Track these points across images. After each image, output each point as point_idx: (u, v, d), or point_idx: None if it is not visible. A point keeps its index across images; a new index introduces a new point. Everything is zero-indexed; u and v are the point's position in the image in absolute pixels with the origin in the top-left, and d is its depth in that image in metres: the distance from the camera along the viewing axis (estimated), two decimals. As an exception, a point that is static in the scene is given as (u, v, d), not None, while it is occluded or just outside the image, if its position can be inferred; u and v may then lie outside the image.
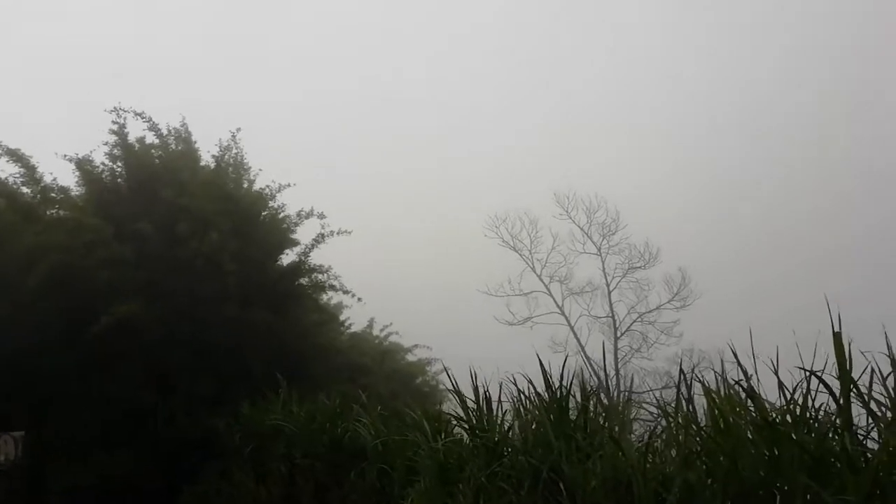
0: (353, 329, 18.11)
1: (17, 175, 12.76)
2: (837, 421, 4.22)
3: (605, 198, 28.79)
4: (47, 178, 12.90)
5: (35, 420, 11.82)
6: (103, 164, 13.40)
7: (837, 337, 4.19)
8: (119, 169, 13.50)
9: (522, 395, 6.28)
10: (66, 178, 13.34)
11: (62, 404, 11.83)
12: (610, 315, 27.08)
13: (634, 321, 26.96)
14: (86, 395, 11.70)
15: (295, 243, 14.21)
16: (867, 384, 4.14)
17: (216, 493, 10.54)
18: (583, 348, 24.97)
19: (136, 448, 11.53)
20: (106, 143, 13.34)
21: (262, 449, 10.09)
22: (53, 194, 12.90)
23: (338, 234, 13.80)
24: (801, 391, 4.34)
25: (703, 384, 4.82)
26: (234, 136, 14.26)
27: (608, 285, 27.71)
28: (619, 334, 26.55)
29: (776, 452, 4.27)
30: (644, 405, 6.18)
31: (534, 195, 30.06)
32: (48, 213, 12.78)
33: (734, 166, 33.77)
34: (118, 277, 11.96)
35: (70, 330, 11.54)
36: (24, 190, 12.89)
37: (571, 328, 26.62)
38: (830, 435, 4.24)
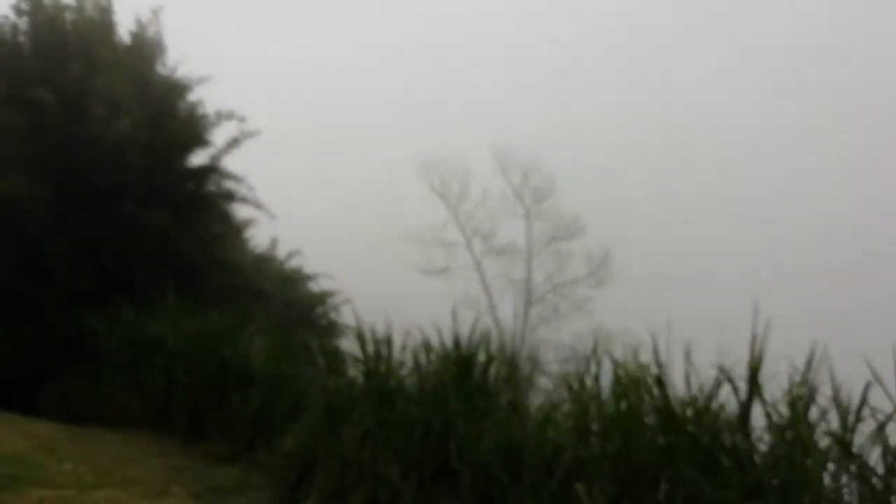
0: (258, 251, 17.44)
1: None
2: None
3: (544, 161, 28.24)
4: None
5: None
6: (6, 16, 12.06)
7: (754, 339, 4.22)
8: (23, 26, 12.14)
9: (427, 346, 6.11)
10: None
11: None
12: (526, 280, 27.32)
13: (549, 291, 27.25)
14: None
15: (208, 144, 13.25)
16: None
17: (82, 394, 9.94)
18: (494, 309, 24.94)
19: (-2, 335, 10.67)
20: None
21: (140, 359, 9.53)
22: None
23: (250, 136, 12.95)
24: (708, 387, 4.35)
25: (613, 361, 4.77)
26: (155, 13, 13.02)
27: (530, 250, 27.82)
28: (531, 301, 26.92)
29: (671, 441, 4.30)
30: (546, 375, 6.14)
31: (473, 148, 29.05)
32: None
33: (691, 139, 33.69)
34: (3, 145, 10.85)
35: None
36: None
37: (485, 287, 26.70)
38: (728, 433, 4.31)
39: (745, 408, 4.24)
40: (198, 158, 13.37)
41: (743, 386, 4.23)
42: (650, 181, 33.25)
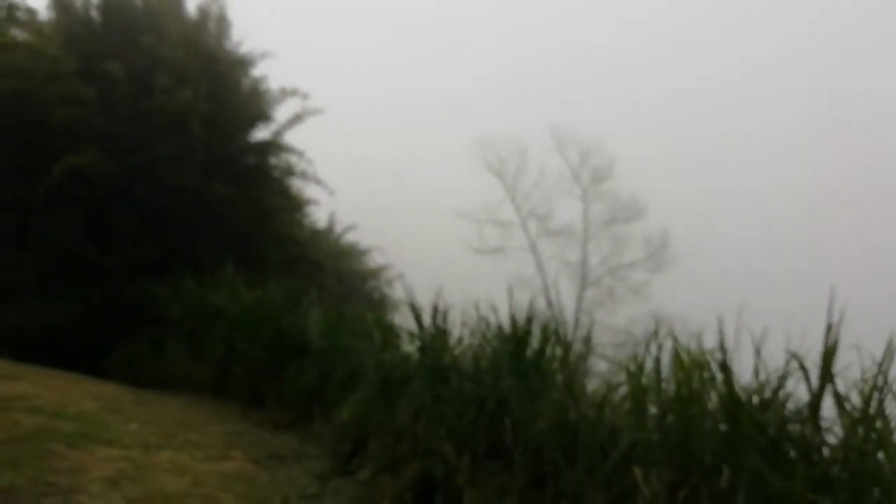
0: (316, 226, 17.65)
1: None
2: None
3: (603, 141, 27.20)
4: None
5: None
6: None
7: (828, 327, 4.03)
8: (95, 1, 12.47)
9: (482, 324, 6.08)
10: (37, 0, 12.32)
11: None
12: (582, 263, 26.86)
13: (605, 274, 26.72)
14: (24, 237, 11.18)
15: (270, 120, 13.45)
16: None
17: (147, 359, 10.29)
18: (548, 290, 24.53)
19: (68, 300, 11.11)
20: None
21: (200, 327, 9.79)
22: (19, 14, 11.89)
23: (313, 113, 13.09)
24: (778, 374, 4.20)
25: (675, 344, 4.63)
26: None
27: (586, 232, 27.27)
28: (586, 284, 26.47)
29: (734, 429, 4.17)
30: (601, 358, 6.03)
31: (530, 125, 28.37)
32: (11, 33, 11.80)
33: (753, 130, 32.28)
34: (77, 118, 11.21)
35: (17, 166, 10.88)
36: None
37: (540, 268, 26.38)
38: (795, 421, 4.16)
39: (817, 397, 4.07)
40: (260, 133, 13.59)
41: (814, 375, 4.07)
42: (716, 170, 32.21)
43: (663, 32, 38.64)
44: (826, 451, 3.98)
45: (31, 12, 12.10)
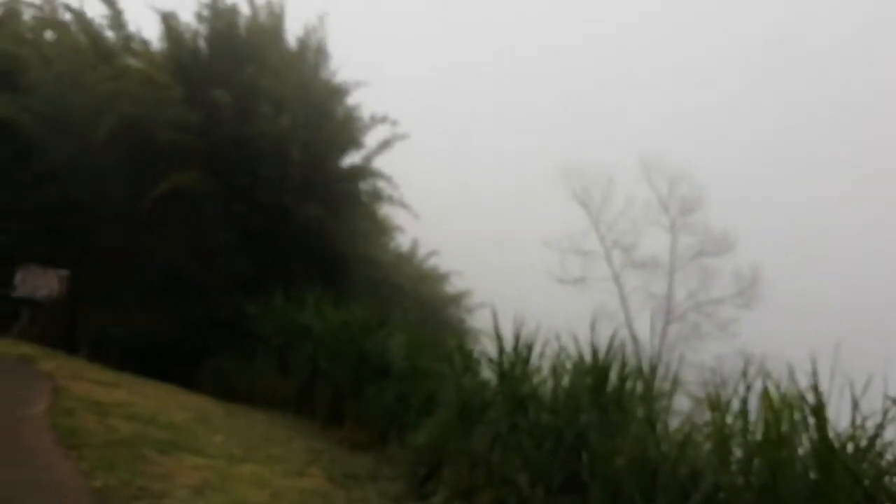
0: (400, 250, 17.96)
1: (104, 17, 12.82)
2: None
3: (692, 170, 26.11)
4: (132, 27, 12.92)
5: (77, 265, 12.08)
6: (188, 23, 13.26)
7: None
8: (203, 31, 13.31)
9: (563, 355, 6.02)
10: (150, 30, 13.30)
11: (106, 255, 12.07)
12: (667, 296, 25.92)
13: (690, 308, 25.63)
14: (130, 252, 11.90)
15: (361, 146, 13.95)
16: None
17: (237, 372, 10.70)
18: (630, 323, 24.00)
19: (167, 313, 11.74)
20: (197, 1, 13.13)
21: (288, 344, 10.13)
22: (134, 44, 12.86)
23: (401, 138, 13.50)
24: (876, 420, 3.95)
25: (765, 384, 4.44)
26: (321, 19, 13.84)
27: (672, 265, 26.39)
28: (671, 318, 25.48)
29: (826, 479, 3.95)
30: (685, 395, 5.84)
31: (617, 152, 27.70)
32: (127, 62, 12.74)
33: (845, 158, 30.30)
34: (183, 141, 11.94)
35: (127, 184, 11.65)
36: (108, 33, 12.95)
37: (623, 300, 25.66)
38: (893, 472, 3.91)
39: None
40: (351, 158, 14.06)
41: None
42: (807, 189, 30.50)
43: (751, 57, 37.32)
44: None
45: (145, 43, 13.04)
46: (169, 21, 13.04)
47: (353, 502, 5.52)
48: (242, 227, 12.14)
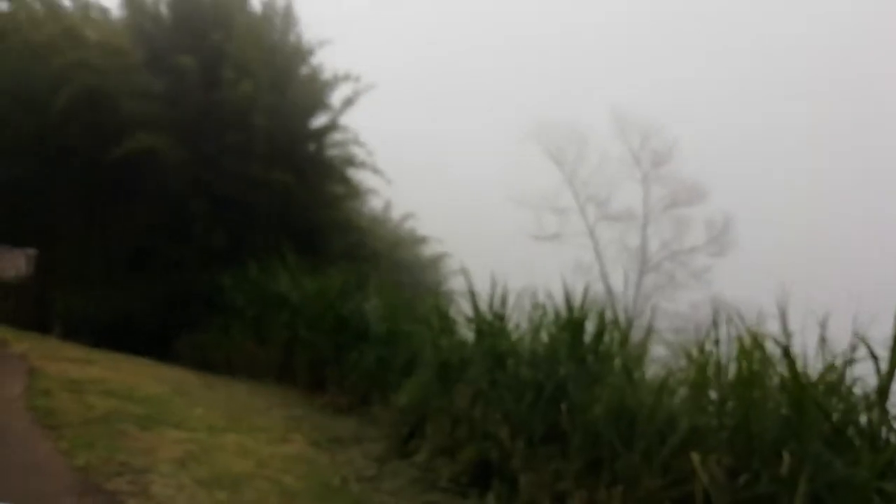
0: (373, 213, 17.84)
1: None
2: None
3: (663, 123, 26.26)
4: None
5: (47, 243, 11.85)
6: None
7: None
8: (165, -2, 12.90)
9: (539, 310, 6.08)
10: (109, -1, 12.83)
11: (75, 232, 11.84)
12: (641, 247, 26.42)
13: (665, 258, 26.11)
14: (97, 227, 11.69)
15: (327, 107, 13.65)
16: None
17: (214, 345, 10.65)
18: (606, 276, 24.31)
19: (139, 288, 11.59)
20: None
21: (265, 314, 10.08)
22: (93, 13, 12.44)
23: (366, 90, 13.19)
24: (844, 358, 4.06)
25: (735, 329, 4.53)
26: None
27: (646, 217, 26.79)
28: (646, 269, 26.03)
29: (797, 415, 4.06)
30: (661, 343, 5.94)
31: (589, 107, 27.81)
32: (85, 31, 12.29)
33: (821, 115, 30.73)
34: (148, 110, 11.64)
35: (91, 158, 11.36)
36: (65, 2, 12.50)
37: (598, 253, 26.05)
38: (861, 407, 4.03)
39: (885, 383, 3.93)
40: (318, 121, 13.83)
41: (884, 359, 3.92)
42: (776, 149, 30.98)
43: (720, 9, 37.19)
44: (893, 439, 3.85)
45: (105, 11, 12.64)
46: (129, -12, 12.64)
47: (338, 465, 5.59)
48: (211, 196, 11.92)
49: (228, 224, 11.88)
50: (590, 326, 5.71)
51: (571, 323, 5.70)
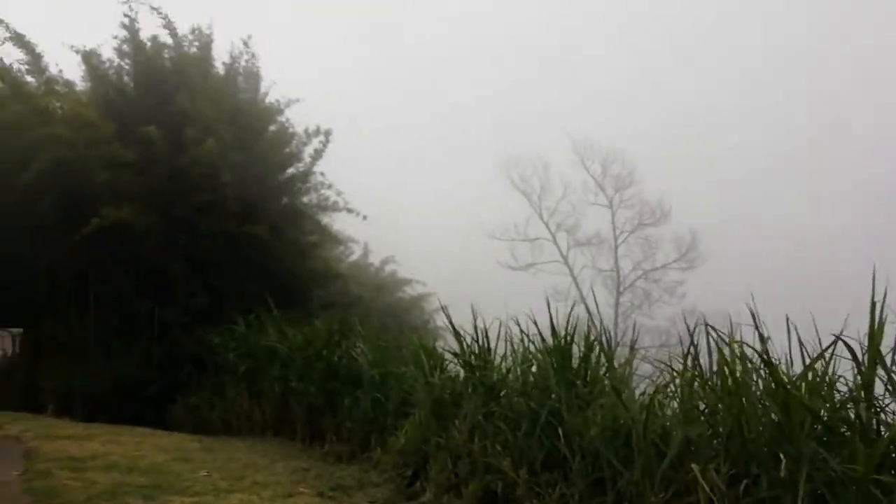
0: (352, 258, 17.98)
1: (23, 62, 12.34)
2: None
3: (622, 149, 27.94)
4: (53, 70, 12.56)
5: (31, 320, 11.77)
6: (111, 60, 12.99)
7: (873, 306, 4.01)
8: (127, 66, 13.05)
9: (525, 339, 6.21)
10: (73, 71, 13.01)
11: (58, 306, 11.78)
12: (614, 269, 27.11)
13: (638, 277, 27.12)
14: (82, 299, 11.65)
15: (300, 161, 13.91)
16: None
17: (209, 406, 10.60)
18: (584, 299, 24.72)
19: (130, 355, 11.53)
20: (116, 38, 12.84)
21: (256, 369, 10.08)
22: (58, 87, 12.52)
23: (336, 140, 13.58)
24: (824, 359, 4.21)
25: (716, 342, 4.69)
26: (246, 44, 13.75)
27: (616, 239, 27.54)
28: (621, 289, 26.69)
29: (786, 417, 4.19)
30: (646, 360, 6.09)
31: (550, 141, 29.06)
32: (51, 106, 12.33)
33: (767, 125, 32.10)
34: (118, 180, 11.71)
35: (68, 232, 11.37)
36: (29, 79, 12.52)
37: (574, 278, 26.64)
38: (848, 404, 4.15)
39: (867, 376, 4.07)
40: (288, 173, 14.00)
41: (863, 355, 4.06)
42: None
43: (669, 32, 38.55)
44: (884, 431, 3.95)
45: (69, 83, 12.71)
46: (90, 60, 12.77)
47: (346, 513, 5.60)
48: (188, 258, 11.97)
49: (209, 283, 11.93)
50: (576, 350, 5.85)
51: (558, 349, 5.83)
